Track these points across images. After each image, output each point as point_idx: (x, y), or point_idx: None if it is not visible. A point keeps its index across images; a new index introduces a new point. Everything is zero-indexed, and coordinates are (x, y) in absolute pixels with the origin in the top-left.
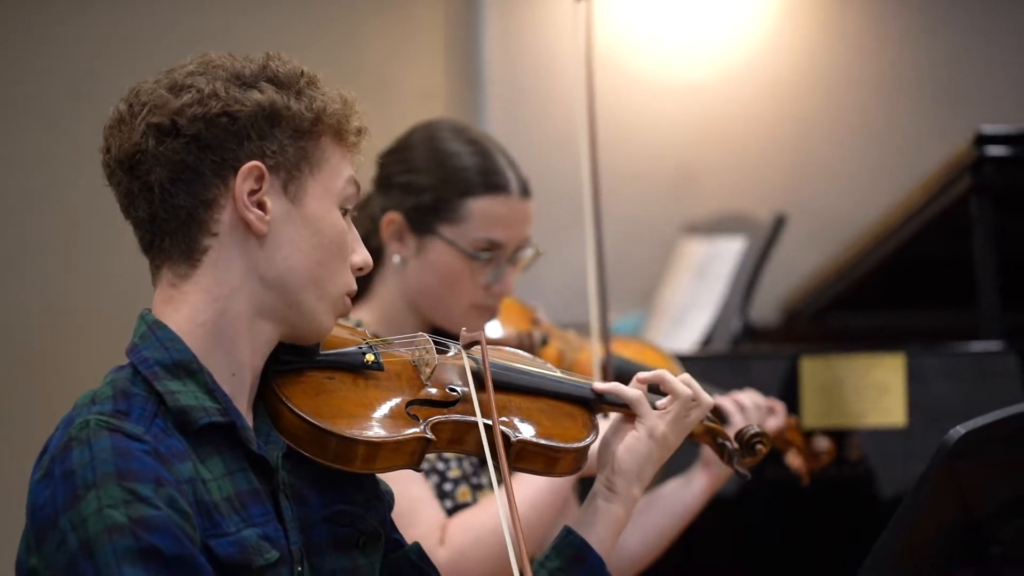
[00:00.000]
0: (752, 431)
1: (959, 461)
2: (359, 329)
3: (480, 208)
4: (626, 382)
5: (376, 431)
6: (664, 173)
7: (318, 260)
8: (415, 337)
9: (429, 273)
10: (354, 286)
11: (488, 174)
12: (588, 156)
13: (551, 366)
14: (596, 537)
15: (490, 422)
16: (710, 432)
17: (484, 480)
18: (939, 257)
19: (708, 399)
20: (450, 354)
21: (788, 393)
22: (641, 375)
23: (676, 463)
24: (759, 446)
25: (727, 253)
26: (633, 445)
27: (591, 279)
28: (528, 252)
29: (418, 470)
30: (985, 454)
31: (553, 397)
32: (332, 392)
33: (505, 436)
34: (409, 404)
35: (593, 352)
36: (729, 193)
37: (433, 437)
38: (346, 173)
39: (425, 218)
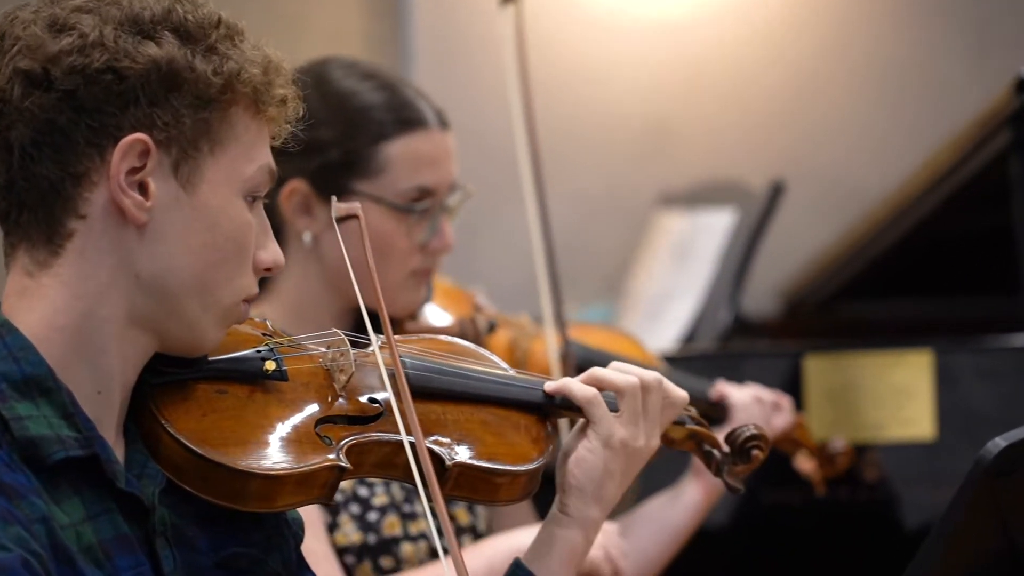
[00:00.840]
0: (746, 432)
1: (1000, 480)
2: (261, 322)
3: (400, 152)
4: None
5: (276, 460)
6: (634, 132)
7: (209, 261)
8: (327, 336)
9: (354, 245)
10: (254, 290)
11: (399, 109)
12: (522, 109)
13: (501, 361)
14: (547, 570)
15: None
16: (693, 436)
17: (418, 508)
18: (973, 232)
19: (678, 392)
20: (370, 350)
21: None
22: (577, 377)
23: (665, 473)
24: (755, 451)
25: (713, 229)
26: (585, 457)
27: (538, 253)
28: (458, 196)
29: (330, 504)
30: None
31: (499, 404)
32: (223, 411)
33: (437, 458)
34: (320, 422)
35: (548, 340)
36: (714, 156)
37: (348, 465)
38: (259, 156)
39: (336, 178)
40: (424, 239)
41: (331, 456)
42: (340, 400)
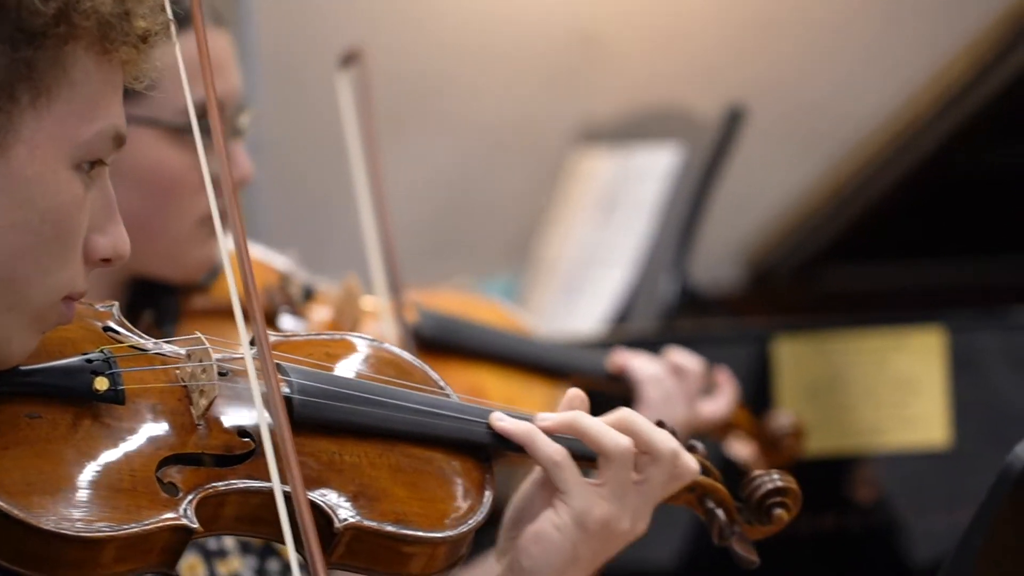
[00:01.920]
0: (768, 484)
1: None
2: (106, 311)
3: (172, 59)
4: (448, 348)
5: (95, 517)
6: (552, 46)
7: (18, 247)
8: (189, 341)
9: (127, 187)
10: (82, 286)
11: (163, 9)
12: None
13: (437, 377)
14: None
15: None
16: (694, 487)
17: None
18: (994, 172)
19: (689, 464)
20: (238, 355)
21: (755, 395)
22: (542, 418)
23: None
24: (778, 510)
25: (651, 173)
26: (547, 534)
27: (361, 188)
28: (248, 116)
29: (170, 575)
30: None
31: (421, 442)
32: (31, 443)
33: (323, 516)
34: (165, 463)
35: (381, 308)
36: (652, 75)
37: (196, 525)
38: (102, 113)
39: None
40: (216, 170)
41: (170, 514)
42: (198, 432)
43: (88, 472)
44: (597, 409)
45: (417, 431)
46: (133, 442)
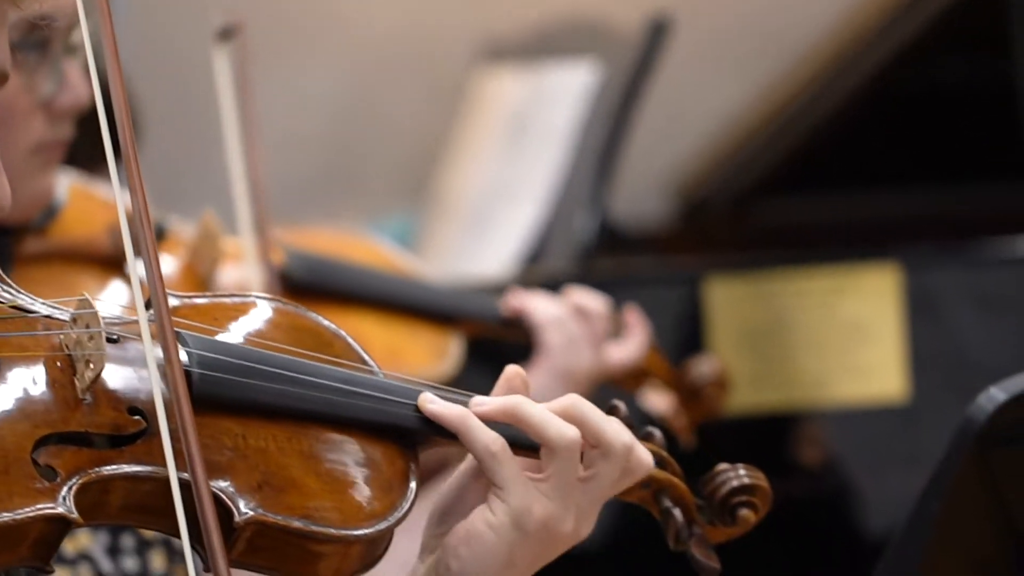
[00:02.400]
0: (734, 480)
1: (996, 450)
2: None
3: None
4: (321, 293)
5: None
6: None
7: None
8: (77, 304)
9: None
10: None
11: None
12: None
13: (361, 350)
14: None
15: (194, 477)
16: (649, 482)
17: None
18: (948, 90)
19: (643, 458)
20: (126, 320)
21: (685, 344)
22: (478, 402)
23: None
24: (744, 510)
25: (565, 93)
26: (480, 534)
27: (227, 111)
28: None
29: (46, 570)
30: None
31: (338, 425)
32: None
33: (223, 507)
34: (42, 443)
35: (244, 249)
36: None
37: (76, 515)
38: None
39: None
40: (50, 91)
41: (46, 502)
42: (83, 407)
43: None
44: (495, 358)
45: (334, 413)
46: (6, 418)
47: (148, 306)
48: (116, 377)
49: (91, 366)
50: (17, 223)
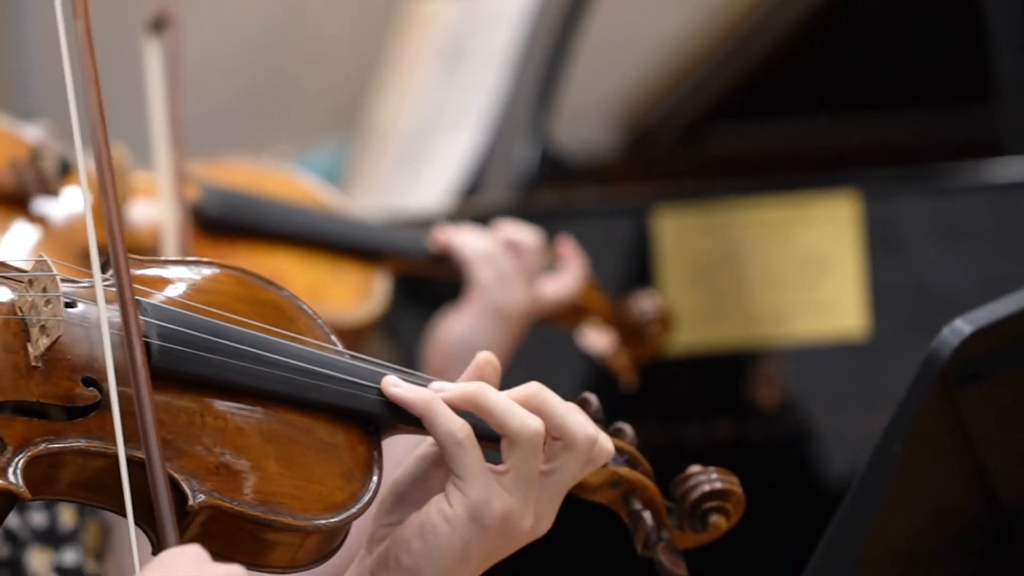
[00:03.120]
0: (706, 484)
1: (963, 388)
2: None
3: None
4: (237, 230)
5: None
6: None
7: None
8: (33, 265)
9: None
10: None
11: None
12: None
13: (320, 323)
14: None
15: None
16: (617, 482)
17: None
18: (909, 8)
19: (605, 446)
20: (84, 285)
21: (632, 279)
22: (438, 387)
23: None
24: (715, 516)
25: (503, 15)
26: (435, 527)
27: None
28: None
29: None
30: (1010, 371)
31: (300, 407)
32: None
33: (178, 490)
34: None
35: (155, 184)
36: None
37: (23, 488)
38: None
39: None
40: None
41: None
42: (35, 376)
43: None
44: (425, 297)
45: (296, 394)
46: None
47: (105, 269)
48: (72, 345)
49: (46, 333)
50: None
